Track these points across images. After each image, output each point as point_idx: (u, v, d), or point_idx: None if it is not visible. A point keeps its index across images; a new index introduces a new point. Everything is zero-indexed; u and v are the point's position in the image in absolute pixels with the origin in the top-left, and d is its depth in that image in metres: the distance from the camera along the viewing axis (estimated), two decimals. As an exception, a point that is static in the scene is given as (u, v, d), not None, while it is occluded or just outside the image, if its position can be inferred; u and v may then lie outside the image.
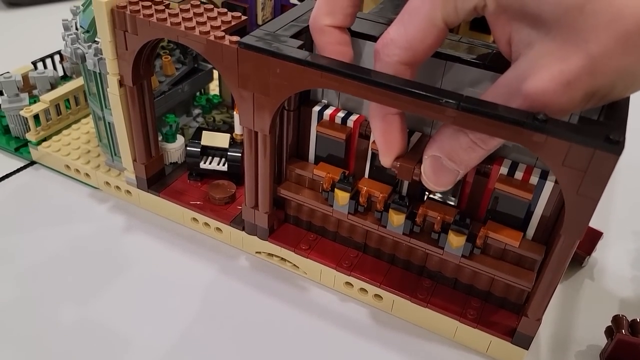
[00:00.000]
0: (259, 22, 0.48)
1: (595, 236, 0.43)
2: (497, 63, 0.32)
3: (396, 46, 0.28)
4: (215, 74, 0.54)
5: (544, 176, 0.32)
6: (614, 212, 0.49)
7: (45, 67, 0.55)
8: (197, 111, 0.53)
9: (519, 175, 0.32)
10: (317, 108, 0.37)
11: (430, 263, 0.38)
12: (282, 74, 0.32)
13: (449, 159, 0.29)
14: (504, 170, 0.32)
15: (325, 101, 0.37)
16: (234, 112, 0.43)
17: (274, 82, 0.32)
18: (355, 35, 0.34)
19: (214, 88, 0.56)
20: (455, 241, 0.34)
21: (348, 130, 0.36)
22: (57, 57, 0.58)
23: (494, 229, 0.34)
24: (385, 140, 0.31)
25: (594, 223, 0.42)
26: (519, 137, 0.27)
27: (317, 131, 0.37)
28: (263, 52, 0.32)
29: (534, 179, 0.32)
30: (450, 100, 0.27)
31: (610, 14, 0.23)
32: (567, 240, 0.29)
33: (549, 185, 0.32)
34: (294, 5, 0.47)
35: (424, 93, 0.28)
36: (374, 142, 0.35)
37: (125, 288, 0.39)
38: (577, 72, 0.24)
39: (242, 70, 0.33)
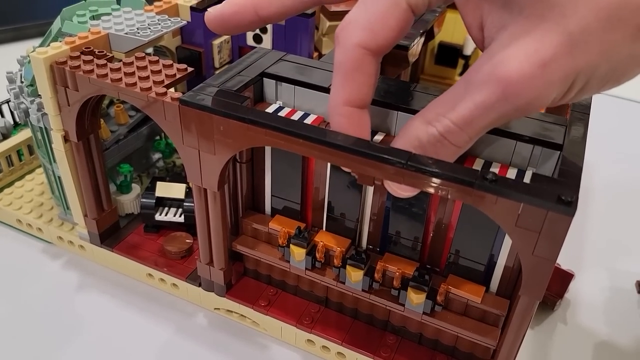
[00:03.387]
0: (217, 65, 0.47)
1: (566, 278, 0.41)
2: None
3: (356, 26, 0.26)
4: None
5: (520, 175, 0.30)
6: (586, 248, 0.48)
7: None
8: (156, 156, 0.51)
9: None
10: (271, 109, 0.34)
11: (394, 318, 0.36)
12: (226, 132, 0.30)
13: None
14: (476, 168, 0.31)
15: (280, 103, 0.35)
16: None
17: (218, 140, 0.31)
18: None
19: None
20: (415, 298, 0.32)
21: None
22: (9, 105, 0.56)
23: (455, 284, 0.32)
24: None
25: (564, 261, 0.41)
26: (468, 198, 0.26)
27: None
28: (205, 109, 0.30)
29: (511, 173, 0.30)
30: (400, 160, 0.26)
31: None
32: (527, 300, 0.28)
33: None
34: (252, 47, 0.46)
35: (370, 152, 0.26)
36: None
37: (75, 355, 0.37)
38: (554, 50, 0.22)
39: (185, 128, 0.32)
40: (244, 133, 0.30)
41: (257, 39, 0.46)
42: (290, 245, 0.35)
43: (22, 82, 0.40)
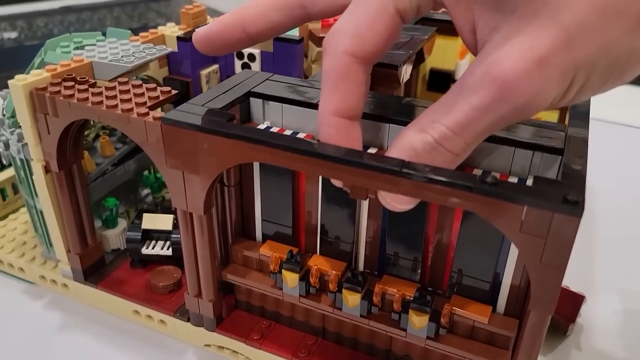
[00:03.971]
0: (205, 95, 0.46)
1: (577, 301, 0.39)
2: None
3: (343, 34, 0.25)
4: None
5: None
6: (594, 271, 0.46)
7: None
8: (145, 191, 0.50)
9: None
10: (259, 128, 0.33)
11: (396, 346, 0.34)
12: (210, 150, 0.29)
13: None
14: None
15: (268, 122, 0.34)
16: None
17: (203, 159, 0.29)
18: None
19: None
20: (418, 321, 0.30)
21: None
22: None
23: (460, 305, 0.30)
24: None
25: (574, 284, 0.39)
26: (468, 204, 0.24)
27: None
28: (188, 127, 0.29)
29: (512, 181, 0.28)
30: (393, 167, 0.24)
31: None
32: (538, 316, 0.26)
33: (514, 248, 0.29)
34: (241, 76, 0.45)
35: (362, 161, 0.25)
36: None
37: (54, 400, 0.34)
38: (550, 45, 0.21)
39: (168, 148, 0.30)
40: (229, 149, 0.28)
41: (246, 67, 0.45)
42: (282, 270, 0.33)
43: (3, 114, 0.39)
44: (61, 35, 0.40)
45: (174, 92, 0.34)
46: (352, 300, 0.31)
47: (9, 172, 0.48)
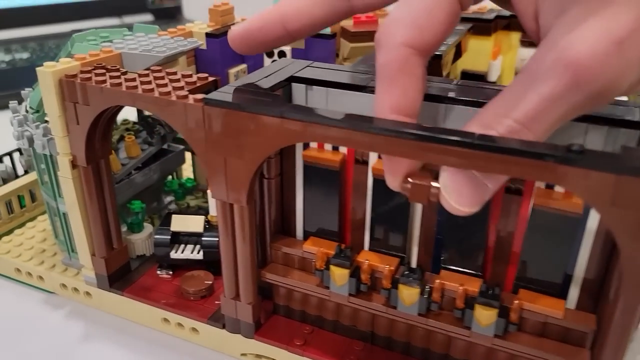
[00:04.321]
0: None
1: None
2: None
3: (399, 24, 0.23)
4: (188, 155, 0.49)
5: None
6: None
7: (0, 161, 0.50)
8: (168, 198, 0.48)
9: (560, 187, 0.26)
10: None
11: (455, 349, 0.31)
12: (257, 131, 0.27)
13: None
14: (540, 183, 0.27)
15: None
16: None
17: (248, 142, 0.27)
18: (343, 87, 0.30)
19: (187, 168, 0.51)
20: (485, 317, 0.27)
21: (341, 156, 0.30)
22: (16, 155, 0.53)
23: (530, 299, 0.27)
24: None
25: None
26: (551, 176, 0.22)
27: (304, 160, 0.31)
28: (233, 107, 0.27)
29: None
30: (467, 139, 0.22)
31: None
32: (630, 303, 0.23)
33: (590, 230, 0.26)
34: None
35: (435, 135, 0.23)
36: (375, 164, 0.29)
37: (79, 414, 0.31)
38: (630, 26, 0.19)
39: (210, 132, 0.28)
40: (278, 129, 0.26)
41: (276, 64, 0.43)
42: (330, 267, 0.30)
43: (26, 111, 0.37)
44: (87, 31, 0.39)
45: (211, 78, 0.32)
46: (409, 296, 0.29)
47: (27, 178, 0.46)
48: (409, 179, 0.24)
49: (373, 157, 0.29)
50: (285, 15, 0.28)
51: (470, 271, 0.29)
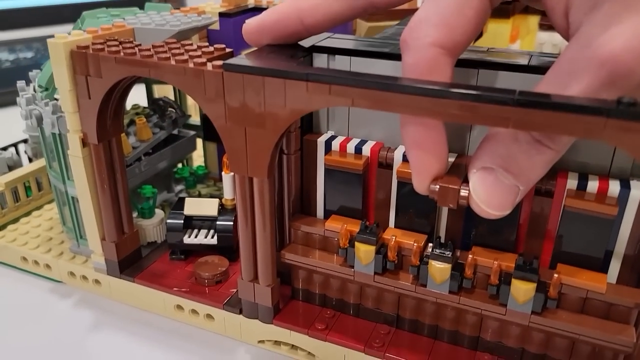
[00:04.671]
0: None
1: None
2: (540, 66, 0.26)
3: (427, 24, 0.22)
4: (199, 142, 0.47)
5: (625, 186, 0.25)
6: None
7: (4, 149, 0.48)
8: (179, 187, 0.46)
9: (592, 187, 0.25)
10: (322, 139, 0.30)
11: (487, 331, 0.29)
12: (279, 97, 0.25)
13: (506, 170, 0.22)
14: (571, 184, 0.25)
15: (332, 132, 0.31)
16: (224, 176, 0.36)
17: (269, 110, 0.26)
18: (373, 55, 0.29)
19: (197, 158, 0.50)
20: (523, 293, 0.26)
21: (365, 159, 0.29)
22: (21, 146, 0.51)
23: (569, 273, 0.26)
24: (421, 155, 0.23)
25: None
26: (601, 133, 0.20)
27: (325, 164, 0.30)
28: (255, 71, 0.26)
29: (613, 190, 0.25)
30: (507, 96, 0.21)
31: None
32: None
33: (634, 200, 0.25)
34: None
35: (466, 92, 0.21)
36: (399, 167, 0.28)
37: (89, 403, 0.29)
38: None
39: (229, 100, 0.27)
40: (301, 94, 0.25)
41: (290, 46, 0.42)
42: (355, 243, 0.29)
43: (35, 90, 0.36)
44: (98, 9, 0.38)
45: (228, 49, 0.31)
46: (440, 273, 0.27)
47: (34, 165, 0.45)
48: (438, 182, 0.24)
49: (398, 158, 0.28)
50: (302, 9, 0.27)
51: (502, 248, 0.28)
